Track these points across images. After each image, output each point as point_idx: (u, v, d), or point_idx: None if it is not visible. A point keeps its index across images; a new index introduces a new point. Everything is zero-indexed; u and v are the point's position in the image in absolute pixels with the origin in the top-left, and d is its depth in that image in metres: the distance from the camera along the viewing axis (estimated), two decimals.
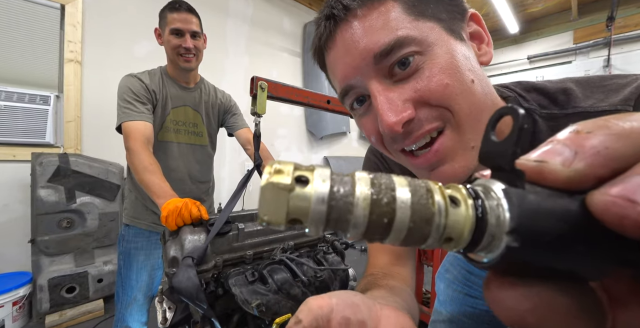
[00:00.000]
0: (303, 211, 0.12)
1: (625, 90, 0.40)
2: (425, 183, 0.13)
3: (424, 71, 0.37)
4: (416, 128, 0.39)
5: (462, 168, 0.39)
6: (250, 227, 0.83)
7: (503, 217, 0.12)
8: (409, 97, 0.38)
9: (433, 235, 0.12)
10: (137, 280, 1.31)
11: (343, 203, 0.12)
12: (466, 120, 0.38)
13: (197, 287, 0.58)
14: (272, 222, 0.12)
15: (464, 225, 0.12)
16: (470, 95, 0.38)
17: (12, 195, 2.08)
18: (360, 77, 0.40)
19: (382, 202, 0.12)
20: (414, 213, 0.12)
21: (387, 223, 0.12)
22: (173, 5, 1.22)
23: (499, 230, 0.12)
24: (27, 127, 2.10)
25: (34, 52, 2.14)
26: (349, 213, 0.12)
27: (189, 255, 0.66)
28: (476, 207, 0.13)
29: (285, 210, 0.12)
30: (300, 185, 0.12)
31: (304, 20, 3.95)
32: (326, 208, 0.12)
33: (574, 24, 4.28)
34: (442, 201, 0.13)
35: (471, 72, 0.39)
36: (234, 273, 0.70)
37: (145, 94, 1.22)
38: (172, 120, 1.32)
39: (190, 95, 1.37)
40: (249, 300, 0.58)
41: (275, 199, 0.12)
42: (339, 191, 0.12)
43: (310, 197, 0.12)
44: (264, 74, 1.04)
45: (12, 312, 1.87)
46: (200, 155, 1.43)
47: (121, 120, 1.15)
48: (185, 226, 0.77)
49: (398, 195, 0.12)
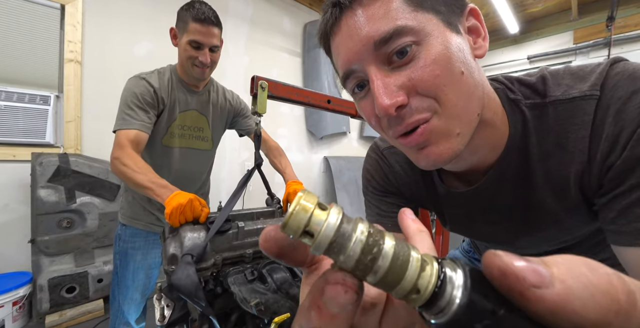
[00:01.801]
0: (318, 227, 0.15)
1: (592, 76, 0.42)
2: (407, 245, 0.16)
3: (418, 61, 0.39)
4: (407, 115, 0.41)
5: (447, 150, 0.42)
6: (250, 226, 0.83)
7: (459, 291, 0.14)
8: (403, 84, 0.40)
9: (405, 281, 0.15)
10: (134, 280, 1.30)
11: (347, 232, 0.15)
12: (452, 110, 0.41)
13: (196, 284, 0.58)
14: (291, 228, 0.15)
15: (430, 281, 0.15)
16: (458, 86, 0.40)
17: (12, 195, 2.08)
18: (361, 63, 0.42)
19: (371, 245, 0.15)
20: (394, 259, 0.15)
21: (370, 261, 0.15)
22: (198, 14, 1.13)
23: (450, 300, 0.14)
24: (27, 127, 2.09)
25: (34, 52, 2.14)
26: (348, 241, 0.15)
27: (189, 253, 0.65)
28: (439, 273, 0.15)
29: (305, 223, 0.15)
30: (320, 210, 0.16)
31: (304, 20, 3.95)
32: (334, 232, 0.15)
33: (574, 24, 4.27)
34: (419, 257, 0.15)
35: (463, 63, 0.41)
36: (233, 271, 0.69)
37: (150, 101, 1.18)
38: (178, 125, 1.29)
39: (198, 99, 1.33)
40: (247, 299, 0.58)
41: (301, 214, 0.15)
42: (346, 223, 0.16)
43: (327, 219, 0.15)
44: (264, 73, 1.04)
45: (12, 312, 1.87)
46: (202, 160, 1.41)
47: (118, 127, 1.12)
48: (186, 224, 0.77)
49: (385, 246, 0.15)
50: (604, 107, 0.40)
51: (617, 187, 0.40)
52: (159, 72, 1.26)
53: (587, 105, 0.41)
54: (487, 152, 0.50)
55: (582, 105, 0.42)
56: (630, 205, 0.39)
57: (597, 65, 0.43)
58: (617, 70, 0.41)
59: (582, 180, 0.44)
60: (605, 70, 0.42)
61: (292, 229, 0.15)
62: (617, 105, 0.39)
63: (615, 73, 0.41)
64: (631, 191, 0.38)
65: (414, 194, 0.65)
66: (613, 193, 0.41)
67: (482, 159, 0.51)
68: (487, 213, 0.57)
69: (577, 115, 0.42)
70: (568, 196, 0.47)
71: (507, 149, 0.49)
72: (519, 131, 0.48)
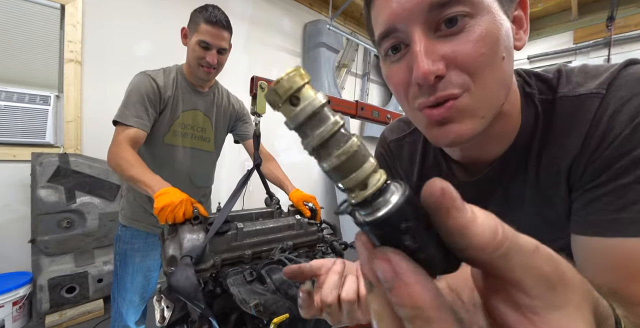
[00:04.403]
0: (306, 96, 0.16)
1: (603, 75, 0.42)
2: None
3: (467, 34, 0.38)
4: (441, 88, 0.39)
5: (468, 130, 0.41)
6: (249, 227, 0.83)
7: (396, 196, 0.16)
8: (445, 54, 0.38)
9: (360, 171, 0.16)
10: (132, 282, 1.30)
11: (327, 113, 0.16)
12: (484, 91, 0.40)
13: (195, 286, 0.58)
14: (282, 87, 0.16)
15: (378, 181, 0.17)
16: (496, 70, 0.40)
17: (12, 195, 2.08)
18: (407, 23, 0.39)
19: (344, 132, 0.17)
20: (358, 150, 0.16)
21: (336, 143, 0.16)
22: (210, 17, 1.17)
23: (387, 201, 0.16)
24: (27, 127, 2.10)
25: (34, 52, 2.14)
26: (327, 119, 0.16)
27: (188, 254, 0.66)
28: (386, 180, 0.17)
29: (297, 87, 0.16)
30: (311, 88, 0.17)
31: (304, 20, 3.95)
32: (319, 107, 0.16)
33: (574, 24, 4.27)
34: (375, 162, 0.17)
35: (505, 49, 0.40)
36: (232, 272, 0.70)
37: (153, 98, 1.19)
38: (181, 124, 1.30)
39: (202, 100, 1.35)
40: (247, 300, 0.58)
41: (297, 79, 0.16)
42: (328, 108, 0.17)
43: (316, 95, 0.16)
44: (264, 73, 1.04)
45: (12, 312, 1.87)
46: (204, 161, 1.41)
47: (117, 117, 1.14)
48: (185, 225, 0.77)
49: (354, 138, 0.17)
50: (605, 106, 0.40)
51: (590, 182, 0.42)
52: (165, 70, 1.28)
53: (591, 103, 0.41)
54: (496, 143, 0.50)
55: (587, 103, 0.42)
56: (593, 200, 0.41)
57: (613, 65, 0.43)
58: (630, 71, 0.41)
59: (570, 174, 0.45)
60: (617, 70, 0.42)
61: (283, 88, 0.16)
62: (616, 105, 0.39)
63: (626, 74, 0.41)
64: (597, 187, 0.40)
65: (418, 185, 0.66)
66: (584, 187, 0.42)
67: (490, 150, 0.51)
68: (486, 204, 0.57)
69: (580, 112, 0.42)
70: (558, 190, 0.47)
71: (515, 143, 0.49)
72: (530, 126, 0.48)
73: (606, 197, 0.39)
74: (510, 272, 0.16)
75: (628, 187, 0.37)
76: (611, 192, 0.39)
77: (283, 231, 0.90)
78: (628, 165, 0.37)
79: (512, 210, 0.55)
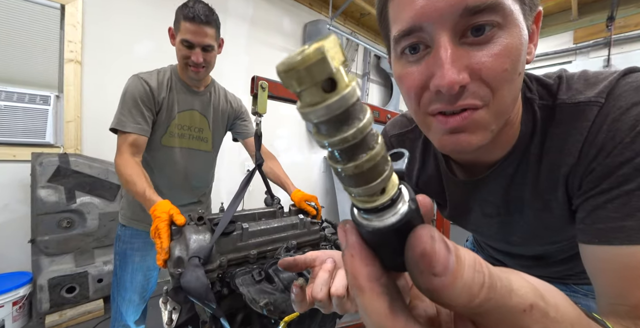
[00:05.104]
0: (345, 82, 0.13)
1: (602, 84, 0.42)
2: None
3: (494, 47, 0.37)
4: (462, 97, 0.39)
5: (477, 141, 0.41)
6: (254, 227, 0.83)
7: (406, 202, 0.16)
8: (470, 65, 0.37)
9: (383, 175, 0.15)
10: (132, 282, 1.30)
11: (360, 107, 0.14)
12: (501, 106, 0.40)
13: (206, 286, 0.58)
14: (312, 70, 0.12)
15: (394, 185, 0.16)
16: (513, 86, 0.40)
17: (12, 195, 2.07)
18: (435, 24, 0.37)
19: (374, 132, 0.14)
20: (383, 156, 0.15)
21: (365, 144, 0.14)
22: (188, 13, 1.10)
23: (400, 208, 0.16)
24: (27, 127, 2.09)
25: (34, 52, 2.14)
26: (363, 113, 0.14)
27: (196, 255, 0.65)
28: (399, 185, 0.17)
29: (338, 65, 0.12)
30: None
31: (304, 20, 3.95)
32: (358, 95, 0.13)
33: (574, 24, 4.28)
34: (390, 170, 0.16)
35: (522, 64, 0.40)
36: (240, 272, 0.69)
37: (147, 101, 1.18)
38: (178, 125, 1.28)
39: (198, 99, 1.33)
40: (256, 299, 0.58)
41: (335, 53, 0.12)
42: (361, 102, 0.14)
43: (350, 78, 0.13)
44: (264, 73, 1.03)
45: (12, 312, 1.87)
46: (203, 161, 1.41)
47: (114, 125, 1.14)
48: (189, 226, 0.77)
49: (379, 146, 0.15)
50: (604, 115, 0.41)
51: (591, 190, 0.42)
52: (159, 71, 1.26)
53: (589, 111, 0.42)
54: (497, 148, 0.50)
55: (585, 111, 0.42)
56: (597, 207, 0.41)
57: (612, 73, 0.44)
58: (629, 80, 0.41)
59: (568, 181, 0.46)
60: (616, 79, 0.42)
61: (319, 66, 0.11)
62: (615, 114, 0.40)
63: (625, 83, 0.41)
64: (600, 194, 0.41)
65: (418, 182, 0.68)
66: (587, 195, 0.43)
67: (491, 154, 0.52)
68: (483, 204, 0.59)
69: (578, 119, 0.43)
70: (555, 196, 0.48)
71: (515, 147, 0.50)
72: (528, 131, 0.48)
73: (611, 205, 0.39)
74: (487, 325, 0.16)
75: (632, 194, 0.38)
76: (615, 199, 0.39)
77: (287, 230, 0.90)
78: (630, 172, 0.38)
79: (513, 212, 0.56)
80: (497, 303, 0.15)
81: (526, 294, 0.15)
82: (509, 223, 0.59)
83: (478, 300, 0.14)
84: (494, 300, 0.14)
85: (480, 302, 0.14)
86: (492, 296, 0.14)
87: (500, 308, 0.15)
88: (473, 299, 0.14)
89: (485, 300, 0.14)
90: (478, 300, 0.14)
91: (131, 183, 1.03)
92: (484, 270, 0.15)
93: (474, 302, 0.14)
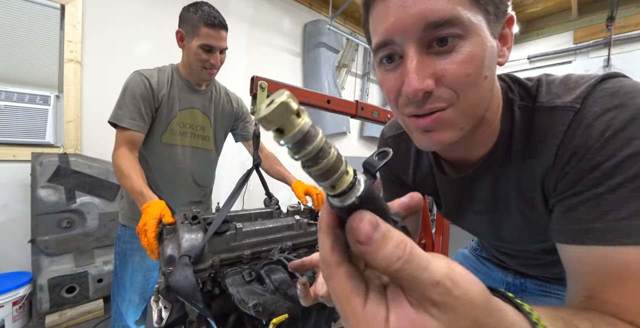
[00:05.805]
0: (294, 126, 0.18)
1: (580, 88, 0.45)
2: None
3: (456, 55, 0.41)
4: (429, 101, 0.43)
5: (448, 138, 0.46)
6: (248, 227, 0.83)
7: (359, 189, 0.21)
8: (435, 72, 0.41)
9: (339, 171, 0.20)
10: (132, 282, 1.30)
11: (313, 132, 0.19)
12: (467, 107, 0.44)
13: (193, 286, 0.58)
14: (269, 120, 0.17)
15: (348, 180, 0.21)
16: (479, 89, 0.43)
17: (12, 195, 2.08)
18: (404, 37, 0.42)
19: (327, 144, 0.20)
20: (337, 158, 0.20)
21: (322, 153, 0.19)
22: (209, 19, 1.15)
23: (354, 193, 0.21)
24: (27, 127, 2.10)
25: (34, 52, 2.15)
26: (315, 137, 0.19)
27: (186, 254, 0.65)
28: (354, 178, 0.22)
29: (288, 119, 0.17)
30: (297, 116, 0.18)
31: (304, 20, 3.95)
32: (307, 128, 0.18)
33: (574, 24, 4.27)
34: (345, 167, 0.21)
35: (488, 69, 0.43)
36: (230, 273, 0.69)
37: (147, 97, 1.19)
38: (179, 123, 1.29)
39: (200, 98, 1.33)
40: (245, 300, 0.58)
41: (284, 112, 0.17)
42: (312, 127, 0.19)
43: (301, 116, 0.18)
44: (264, 73, 1.04)
45: (12, 312, 1.87)
46: (205, 160, 1.41)
47: (112, 119, 1.15)
48: (183, 224, 0.77)
49: (333, 148, 0.20)
50: (579, 120, 0.43)
51: (565, 192, 0.44)
52: (160, 69, 1.27)
53: (565, 116, 0.44)
54: (479, 146, 0.54)
55: (561, 115, 0.45)
56: (570, 209, 0.43)
57: (592, 77, 0.45)
58: (605, 86, 0.43)
59: (544, 182, 0.49)
60: (593, 85, 0.44)
61: (269, 123, 0.17)
62: (589, 120, 0.42)
63: (601, 88, 0.43)
64: (573, 196, 0.43)
65: (414, 180, 0.71)
66: (561, 196, 0.45)
67: (474, 152, 0.55)
68: (474, 202, 0.61)
69: (554, 123, 0.45)
70: (534, 196, 0.51)
71: (496, 145, 0.53)
72: (507, 129, 0.51)
73: (582, 206, 0.42)
74: (405, 289, 0.21)
75: (600, 197, 0.40)
76: (586, 202, 0.41)
77: (282, 231, 0.90)
78: (600, 176, 0.40)
79: (500, 209, 0.58)
80: (411, 274, 0.19)
81: (437, 274, 0.19)
82: (499, 220, 0.61)
83: (394, 267, 0.19)
84: (408, 270, 0.19)
85: (396, 269, 0.19)
86: (407, 267, 0.19)
87: (414, 278, 0.19)
88: (390, 266, 0.19)
89: (400, 269, 0.19)
90: (394, 268, 0.19)
91: (127, 176, 1.05)
92: (406, 249, 0.19)
93: (391, 268, 0.19)
